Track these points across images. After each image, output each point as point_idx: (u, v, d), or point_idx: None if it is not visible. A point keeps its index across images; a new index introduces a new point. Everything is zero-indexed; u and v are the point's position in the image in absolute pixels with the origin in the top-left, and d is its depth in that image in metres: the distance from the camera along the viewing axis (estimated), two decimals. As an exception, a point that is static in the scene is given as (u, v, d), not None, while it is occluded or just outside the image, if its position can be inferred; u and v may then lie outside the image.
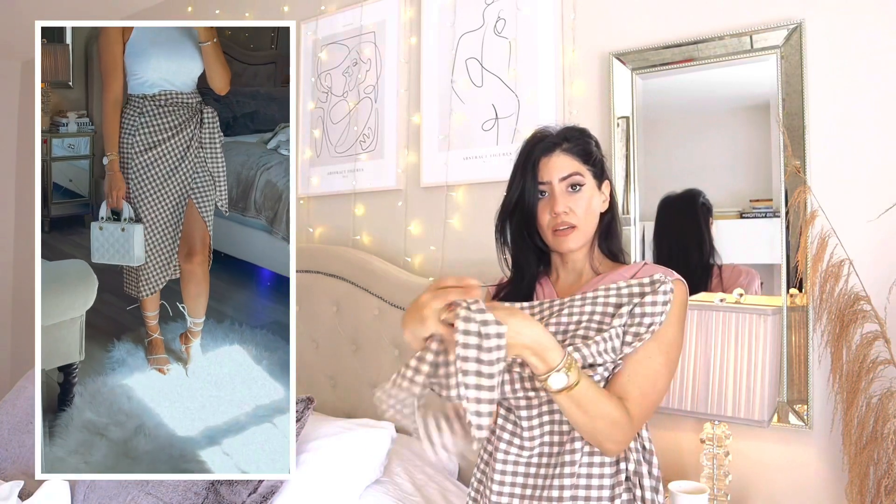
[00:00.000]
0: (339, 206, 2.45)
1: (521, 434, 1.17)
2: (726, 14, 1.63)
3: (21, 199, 4.22)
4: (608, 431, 1.06)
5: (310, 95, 2.55)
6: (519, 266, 1.27)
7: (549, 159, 1.20)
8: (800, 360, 1.52)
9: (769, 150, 1.57)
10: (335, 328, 2.22)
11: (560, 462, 1.13)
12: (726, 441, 1.47)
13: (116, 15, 3.41)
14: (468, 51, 2.09)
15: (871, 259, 1.45)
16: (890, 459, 1.31)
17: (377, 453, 1.66)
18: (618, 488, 1.13)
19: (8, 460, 1.99)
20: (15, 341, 4.14)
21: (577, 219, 1.19)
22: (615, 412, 1.05)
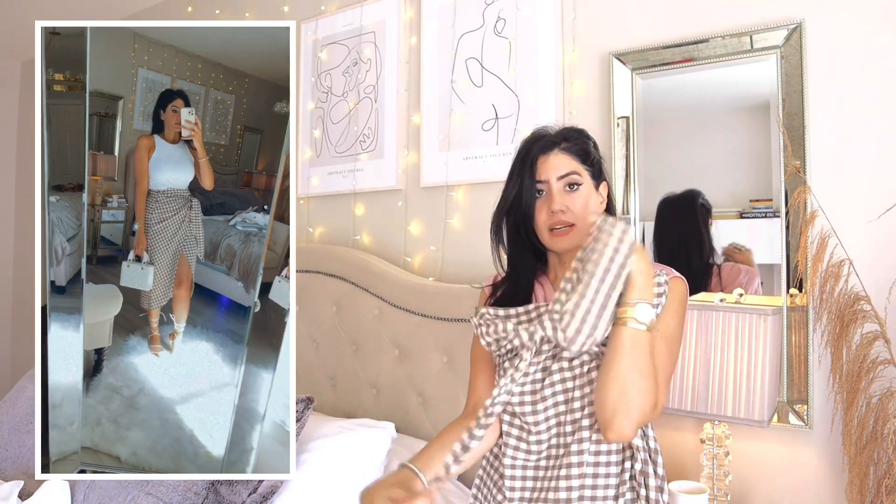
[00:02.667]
0: (339, 206, 2.45)
1: (528, 439, 1.17)
2: (726, 14, 1.63)
3: (21, 200, 4.21)
4: (640, 399, 1.05)
5: (310, 95, 2.55)
6: (515, 265, 1.26)
7: (546, 158, 1.20)
8: (800, 360, 1.52)
9: (769, 150, 1.57)
10: (335, 328, 2.22)
11: (567, 463, 1.13)
12: (726, 441, 1.47)
13: (116, 15, 3.42)
14: (468, 51, 2.09)
15: (871, 259, 1.45)
16: (890, 459, 1.31)
17: (377, 453, 1.66)
18: (622, 487, 1.13)
19: (8, 460, 1.99)
20: (15, 341, 4.14)
21: (574, 218, 1.18)
22: (652, 380, 1.06)
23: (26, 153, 4.18)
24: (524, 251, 1.25)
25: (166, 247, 1.57)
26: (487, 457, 1.28)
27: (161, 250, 1.56)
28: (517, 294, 1.25)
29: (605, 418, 1.06)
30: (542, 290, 1.26)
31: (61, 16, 3.35)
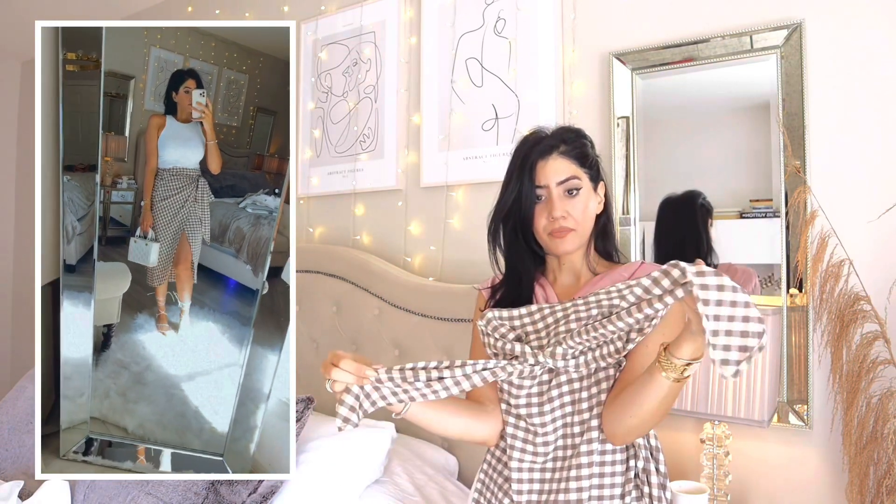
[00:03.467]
0: (339, 206, 2.45)
1: (535, 441, 1.17)
2: (726, 14, 1.63)
3: (21, 200, 4.21)
4: (654, 423, 1.08)
5: (310, 95, 2.55)
6: (515, 268, 1.26)
7: (545, 163, 1.19)
8: (800, 360, 1.52)
9: (769, 150, 1.57)
10: (335, 328, 2.22)
11: (577, 464, 1.13)
12: (726, 441, 1.47)
13: (117, 15, 3.42)
14: (468, 51, 2.09)
15: (871, 259, 1.45)
16: (890, 459, 1.31)
17: (377, 453, 1.66)
18: (628, 486, 1.14)
19: (8, 460, 1.99)
20: (15, 341, 4.14)
21: (574, 222, 1.18)
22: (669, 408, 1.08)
23: (27, 152, 4.18)
24: (523, 254, 1.25)
25: (168, 224, 1.57)
26: (489, 459, 1.27)
27: (164, 228, 1.57)
28: (519, 296, 1.25)
29: (615, 433, 1.11)
30: (542, 291, 1.26)
31: (61, 16, 3.35)
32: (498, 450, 1.26)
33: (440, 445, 1.91)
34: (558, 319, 1.15)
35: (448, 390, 1.07)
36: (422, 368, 1.07)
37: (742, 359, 0.84)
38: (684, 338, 0.97)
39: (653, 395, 1.02)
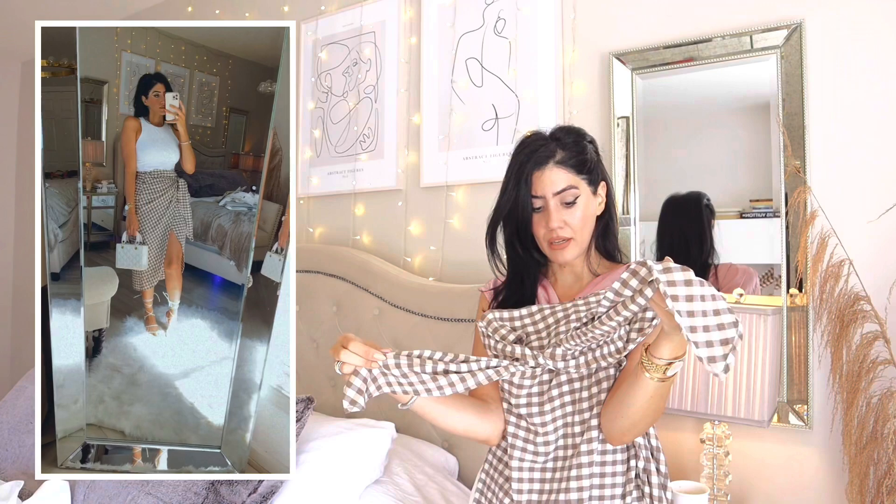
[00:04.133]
0: (339, 206, 2.45)
1: (535, 440, 1.17)
2: (726, 14, 1.63)
3: (21, 200, 4.21)
4: (648, 423, 1.09)
5: (310, 95, 2.55)
6: (517, 270, 1.26)
7: (542, 173, 1.17)
8: (800, 360, 1.52)
9: (769, 150, 1.57)
10: (335, 328, 2.22)
11: (577, 464, 1.14)
12: (726, 441, 1.47)
13: (116, 15, 3.42)
14: (468, 51, 2.09)
15: (871, 259, 1.45)
16: (890, 459, 1.31)
17: (377, 453, 1.66)
18: (629, 486, 1.14)
19: (8, 460, 1.99)
20: (15, 341, 4.14)
21: (571, 231, 1.18)
22: (663, 408, 1.09)
23: (27, 153, 4.18)
24: (525, 257, 1.25)
25: (155, 226, 1.59)
26: (491, 459, 1.28)
27: (151, 230, 1.60)
28: (521, 298, 1.25)
29: (611, 434, 1.12)
30: (544, 292, 1.26)
31: (61, 16, 3.35)
32: (499, 450, 1.26)
33: (440, 445, 1.91)
34: (559, 320, 1.16)
35: (453, 387, 1.08)
36: (428, 358, 1.08)
37: (727, 351, 0.84)
38: (661, 338, 0.98)
39: (639, 396, 1.03)
